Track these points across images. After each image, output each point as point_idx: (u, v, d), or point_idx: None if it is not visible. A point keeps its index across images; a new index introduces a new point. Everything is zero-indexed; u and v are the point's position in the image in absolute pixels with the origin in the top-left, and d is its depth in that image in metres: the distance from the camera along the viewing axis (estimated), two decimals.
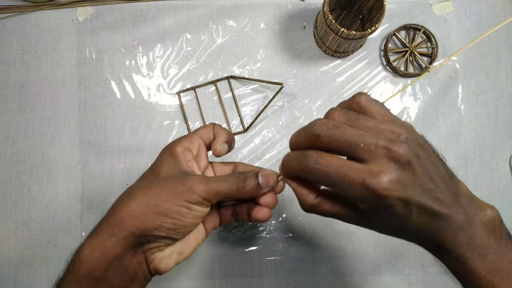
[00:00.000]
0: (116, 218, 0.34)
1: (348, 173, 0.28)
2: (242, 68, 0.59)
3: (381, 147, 0.28)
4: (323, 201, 0.33)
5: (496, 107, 0.59)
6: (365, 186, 0.27)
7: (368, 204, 0.29)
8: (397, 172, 0.28)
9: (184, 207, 0.33)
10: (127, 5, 0.60)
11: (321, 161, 0.29)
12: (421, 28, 0.59)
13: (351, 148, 0.29)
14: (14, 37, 0.59)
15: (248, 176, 0.36)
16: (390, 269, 0.56)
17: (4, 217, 0.56)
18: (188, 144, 0.38)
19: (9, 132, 0.58)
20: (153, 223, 0.33)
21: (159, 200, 0.33)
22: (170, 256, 0.36)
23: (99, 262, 0.33)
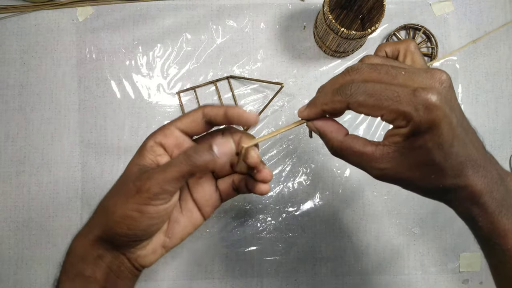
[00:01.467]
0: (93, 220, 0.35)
1: (396, 89, 0.27)
2: (242, 68, 0.59)
3: (423, 71, 0.28)
4: (354, 139, 0.31)
5: (496, 107, 0.59)
6: (416, 98, 0.26)
7: (416, 122, 0.27)
8: (442, 90, 0.27)
9: (135, 211, 0.31)
10: (127, 5, 0.60)
11: (367, 83, 0.28)
12: (421, 28, 0.59)
13: (392, 76, 0.28)
14: (14, 37, 0.59)
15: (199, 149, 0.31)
16: (390, 269, 0.56)
17: (4, 217, 0.56)
18: (161, 138, 0.34)
19: (9, 132, 0.58)
20: (114, 229, 0.32)
21: (116, 206, 0.32)
22: (154, 252, 0.35)
23: (85, 261, 0.33)
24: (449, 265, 0.56)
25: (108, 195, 0.35)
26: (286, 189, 0.57)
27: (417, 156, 0.29)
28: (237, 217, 0.56)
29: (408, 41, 0.33)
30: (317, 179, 0.58)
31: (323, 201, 0.57)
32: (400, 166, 0.29)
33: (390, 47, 0.34)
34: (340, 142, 0.31)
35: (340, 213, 0.57)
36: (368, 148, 0.30)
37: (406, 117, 0.27)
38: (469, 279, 0.56)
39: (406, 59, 0.33)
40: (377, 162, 0.30)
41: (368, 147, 0.30)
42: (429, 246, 0.57)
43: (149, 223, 0.32)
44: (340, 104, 0.30)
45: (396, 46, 0.34)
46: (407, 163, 0.29)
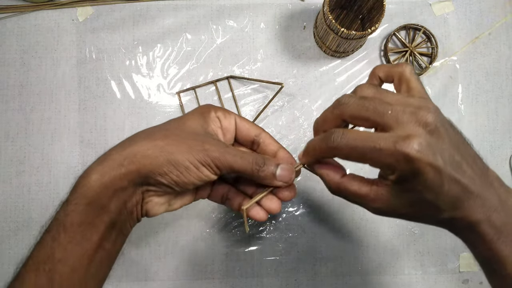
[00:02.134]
0: (129, 151, 0.33)
1: (377, 142, 0.28)
2: (242, 68, 0.59)
3: (408, 113, 0.28)
4: (351, 180, 0.32)
5: (496, 107, 0.59)
6: (396, 150, 0.27)
7: (400, 171, 0.28)
8: (425, 136, 0.27)
9: (193, 165, 0.33)
10: (127, 5, 0.60)
11: (348, 135, 0.29)
12: (421, 28, 0.59)
13: (378, 115, 0.29)
14: (14, 37, 0.59)
15: (267, 163, 0.35)
16: (390, 269, 0.56)
17: (4, 217, 0.56)
18: (221, 114, 0.37)
19: (9, 132, 0.58)
20: (161, 168, 0.33)
21: (174, 150, 0.33)
22: (163, 204, 0.36)
23: (106, 189, 0.32)
24: (449, 265, 0.56)
25: (157, 135, 0.35)
26: None
27: (409, 197, 0.30)
28: (237, 217, 0.56)
29: (402, 66, 0.32)
30: (317, 179, 0.57)
31: (323, 201, 0.57)
32: (395, 205, 0.31)
33: (384, 72, 0.34)
34: (337, 184, 0.33)
35: (340, 213, 0.57)
36: (363, 189, 0.31)
37: (390, 168, 0.28)
38: (469, 279, 0.56)
39: (401, 86, 0.33)
40: (372, 202, 0.31)
41: (363, 188, 0.32)
42: (429, 246, 0.57)
43: (195, 181, 0.34)
44: (327, 154, 0.32)
45: (390, 71, 0.33)
46: (401, 202, 0.30)
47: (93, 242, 0.32)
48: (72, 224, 0.32)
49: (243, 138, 0.39)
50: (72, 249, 0.32)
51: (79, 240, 0.32)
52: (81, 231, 0.32)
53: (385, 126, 0.29)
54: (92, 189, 0.32)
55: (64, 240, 0.32)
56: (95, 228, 0.32)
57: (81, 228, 0.32)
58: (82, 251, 0.32)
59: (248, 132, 0.39)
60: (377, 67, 0.34)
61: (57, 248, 0.32)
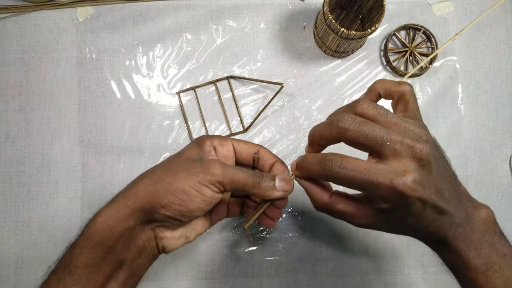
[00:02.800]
0: (131, 191, 0.34)
1: (375, 175, 0.29)
2: (242, 68, 0.59)
3: (405, 146, 0.30)
4: (337, 200, 0.34)
5: (496, 107, 0.59)
6: (392, 187, 0.29)
7: (392, 203, 0.30)
8: (418, 171, 0.29)
9: (194, 188, 0.34)
10: (127, 5, 0.60)
11: (347, 165, 0.30)
12: (421, 28, 0.59)
13: (377, 144, 0.30)
14: (14, 37, 0.59)
15: (265, 175, 0.37)
16: (390, 269, 0.56)
17: (4, 217, 0.56)
18: (217, 144, 0.38)
19: (9, 132, 0.58)
20: (162, 201, 0.33)
21: (173, 179, 0.34)
22: (179, 238, 0.37)
23: (112, 232, 0.33)
24: None
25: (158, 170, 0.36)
26: None
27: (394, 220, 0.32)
28: (237, 217, 0.56)
29: (404, 86, 0.34)
30: None
31: None
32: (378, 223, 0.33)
33: (384, 89, 0.35)
34: (324, 204, 0.34)
35: None
36: (350, 209, 0.33)
37: (384, 200, 0.30)
38: None
39: (399, 106, 0.35)
40: (357, 219, 0.33)
41: (350, 208, 0.33)
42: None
43: (200, 205, 0.34)
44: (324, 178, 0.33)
45: (391, 89, 0.34)
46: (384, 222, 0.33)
47: (99, 284, 0.33)
48: (77, 267, 0.33)
49: (244, 159, 0.40)
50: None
51: (85, 283, 0.33)
52: (87, 274, 0.33)
53: (382, 155, 0.30)
54: (98, 232, 0.33)
55: (69, 282, 0.33)
56: (100, 270, 0.33)
57: (86, 271, 0.33)
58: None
59: (248, 151, 0.40)
60: (378, 82, 0.35)
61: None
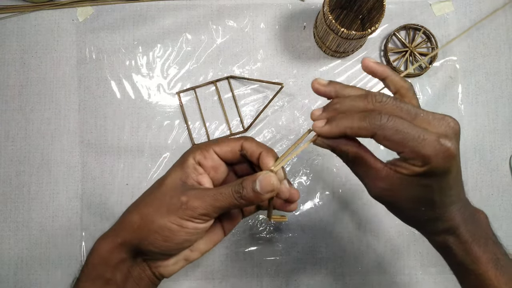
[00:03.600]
0: (122, 225, 0.35)
1: (422, 132, 0.29)
2: (242, 68, 0.59)
3: (438, 118, 0.30)
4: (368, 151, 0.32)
5: (496, 107, 0.59)
6: (440, 144, 0.29)
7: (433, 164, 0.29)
8: (455, 139, 0.30)
9: (176, 224, 0.33)
10: (127, 5, 0.60)
11: (395, 118, 0.29)
12: (421, 28, 0.59)
13: (411, 117, 0.30)
14: (14, 37, 0.59)
15: (244, 184, 0.33)
16: (390, 269, 0.56)
17: (4, 217, 0.56)
18: (200, 158, 0.36)
19: (9, 132, 0.58)
20: (147, 238, 0.33)
21: (154, 216, 0.33)
22: (176, 263, 0.36)
23: (107, 263, 0.34)
24: None
25: (142, 203, 0.35)
26: None
27: (418, 191, 0.31)
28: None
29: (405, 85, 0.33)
30: (317, 179, 0.58)
31: (323, 201, 0.57)
32: (398, 193, 0.32)
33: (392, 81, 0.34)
34: (355, 151, 0.32)
35: (340, 213, 0.57)
36: (378, 164, 0.32)
37: (425, 160, 0.29)
38: None
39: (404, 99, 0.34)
40: (380, 180, 0.32)
41: (378, 164, 0.32)
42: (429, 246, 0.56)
43: (186, 238, 0.33)
44: (366, 132, 0.30)
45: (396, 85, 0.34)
46: (405, 193, 0.32)
47: None
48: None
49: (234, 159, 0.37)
50: None
51: None
52: None
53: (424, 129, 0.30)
54: (96, 265, 0.34)
55: None
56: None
57: None
58: None
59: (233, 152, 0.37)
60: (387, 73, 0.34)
61: None
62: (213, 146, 0.37)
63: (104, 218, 0.56)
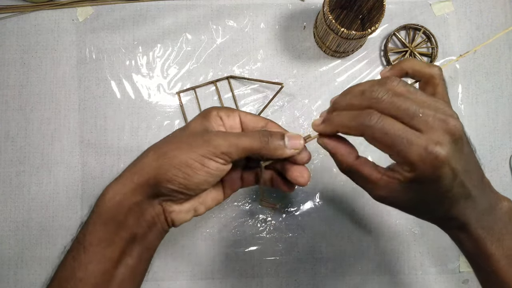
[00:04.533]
0: (137, 167, 0.34)
1: (410, 136, 0.28)
2: (242, 68, 0.59)
3: (438, 119, 0.29)
4: (364, 163, 0.33)
5: (496, 107, 0.59)
6: (427, 152, 0.28)
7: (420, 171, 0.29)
8: (451, 145, 0.29)
9: (198, 161, 0.33)
10: (127, 5, 0.60)
11: (386, 120, 0.29)
12: (421, 28, 0.59)
13: (409, 116, 0.29)
14: (14, 37, 0.59)
15: (274, 134, 0.35)
16: (390, 269, 0.56)
17: (4, 217, 0.56)
18: (223, 114, 0.37)
19: (9, 132, 0.58)
20: (167, 174, 0.33)
21: (176, 152, 0.33)
22: (188, 212, 0.37)
23: (121, 206, 0.33)
24: (449, 265, 0.56)
25: (162, 144, 0.35)
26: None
27: (416, 195, 0.31)
28: (237, 217, 0.56)
29: (435, 69, 0.33)
30: (317, 179, 0.58)
31: (323, 201, 0.57)
32: (398, 198, 0.32)
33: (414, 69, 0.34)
34: (350, 165, 0.33)
35: (340, 213, 0.57)
36: (374, 175, 0.32)
37: (411, 166, 0.29)
38: (469, 279, 0.56)
39: (427, 88, 0.34)
40: (379, 189, 0.32)
41: (374, 175, 0.32)
42: (429, 246, 0.57)
43: (205, 178, 0.34)
44: (355, 131, 0.31)
45: (420, 70, 0.33)
46: (405, 197, 0.32)
47: (114, 260, 0.33)
48: (91, 244, 0.33)
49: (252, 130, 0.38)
50: (93, 269, 0.33)
51: (99, 259, 0.33)
52: (100, 250, 0.33)
53: (414, 128, 0.29)
54: (107, 208, 0.33)
55: (84, 260, 0.33)
56: (114, 245, 0.33)
57: (100, 247, 0.33)
58: (103, 269, 0.33)
59: (255, 125, 0.38)
60: (406, 62, 0.34)
61: (78, 268, 0.33)
62: (239, 111, 0.38)
63: None
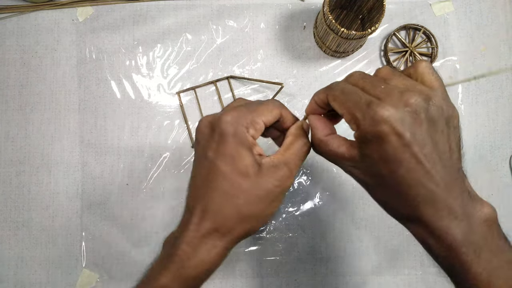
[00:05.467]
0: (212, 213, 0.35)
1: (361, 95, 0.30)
2: (242, 68, 0.59)
3: (397, 91, 0.29)
4: (333, 139, 0.33)
5: (496, 107, 0.59)
6: (368, 107, 0.28)
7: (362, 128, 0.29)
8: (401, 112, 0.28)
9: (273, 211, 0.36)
10: (127, 5, 0.60)
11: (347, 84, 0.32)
12: (421, 28, 0.59)
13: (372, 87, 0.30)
14: (14, 37, 0.59)
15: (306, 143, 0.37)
16: (390, 269, 0.56)
17: (4, 217, 0.56)
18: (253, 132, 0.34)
19: (9, 132, 0.58)
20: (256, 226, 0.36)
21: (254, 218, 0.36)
22: None
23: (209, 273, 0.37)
24: None
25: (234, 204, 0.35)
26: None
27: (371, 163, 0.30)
28: None
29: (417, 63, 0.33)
30: (317, 179, 0.58)
31: (323, 201, 0.57)
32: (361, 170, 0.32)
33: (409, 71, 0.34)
34: (319, 140, 0.34)
35: (340, 213, 0.57)
36: (341, 149, 0.32)
37: (355, 122, 0.30)
38: None
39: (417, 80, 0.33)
40: (346, 162, 0.32)
41: (341, 148, 0.32)
42: None
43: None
44: (322, 96, 0.34)
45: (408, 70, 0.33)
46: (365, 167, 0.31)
47: None
48: None
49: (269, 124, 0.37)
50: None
51: None
52: None
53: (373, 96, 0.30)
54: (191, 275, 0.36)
55: None
56: None
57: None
58: None
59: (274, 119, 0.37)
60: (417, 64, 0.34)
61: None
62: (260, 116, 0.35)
63: (104, 218, 0.56)
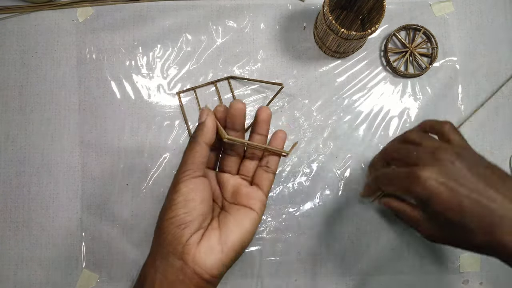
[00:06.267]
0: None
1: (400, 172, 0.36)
2: (242, 69, 0.59)
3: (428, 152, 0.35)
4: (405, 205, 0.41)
5: (496, 107, 0.59)
6: (409, 177, 0.34)
7: (414, 194, 0.34)
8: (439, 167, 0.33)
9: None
10: (127, 5, 0.60)
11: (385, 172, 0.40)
12: (421, 29, 0.59)
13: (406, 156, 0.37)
14: (14, 37, 0.59)
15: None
16: (390, 269, 0.56)
17: (4, 217, 0.56)
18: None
19: (9, 132, 0.58)
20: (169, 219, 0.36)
21: None
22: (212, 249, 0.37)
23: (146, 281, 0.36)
24: (449, 265, 0.56)
25: None
26: (286, 189, 0.57)
27: (436, 221, 0.36)
28: None
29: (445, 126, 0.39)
30: (317, 180, 0.58)
31: (323, 202, 0.57)
32: (432, 229, 0.37)
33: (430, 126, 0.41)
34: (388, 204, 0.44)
35: (340, 213, 0.57)
36: (414, 213, 0.39)
37: (409, 193, 0.35)
38: (469, 279, 0.56)
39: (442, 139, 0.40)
40: (418, 225, 0.39)
41: (414, 212, 0.39)
42: (429, 246, 0.57)
43: None
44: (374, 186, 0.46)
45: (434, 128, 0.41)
46: (434, 226, 0.37)
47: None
48: None
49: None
50: None
51: None
52: None
53: (410, 165, 0.36)
54: None
55: None
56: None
57: None
58: None
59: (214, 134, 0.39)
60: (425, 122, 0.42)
61: None
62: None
63: (104, 218, 0.56)
